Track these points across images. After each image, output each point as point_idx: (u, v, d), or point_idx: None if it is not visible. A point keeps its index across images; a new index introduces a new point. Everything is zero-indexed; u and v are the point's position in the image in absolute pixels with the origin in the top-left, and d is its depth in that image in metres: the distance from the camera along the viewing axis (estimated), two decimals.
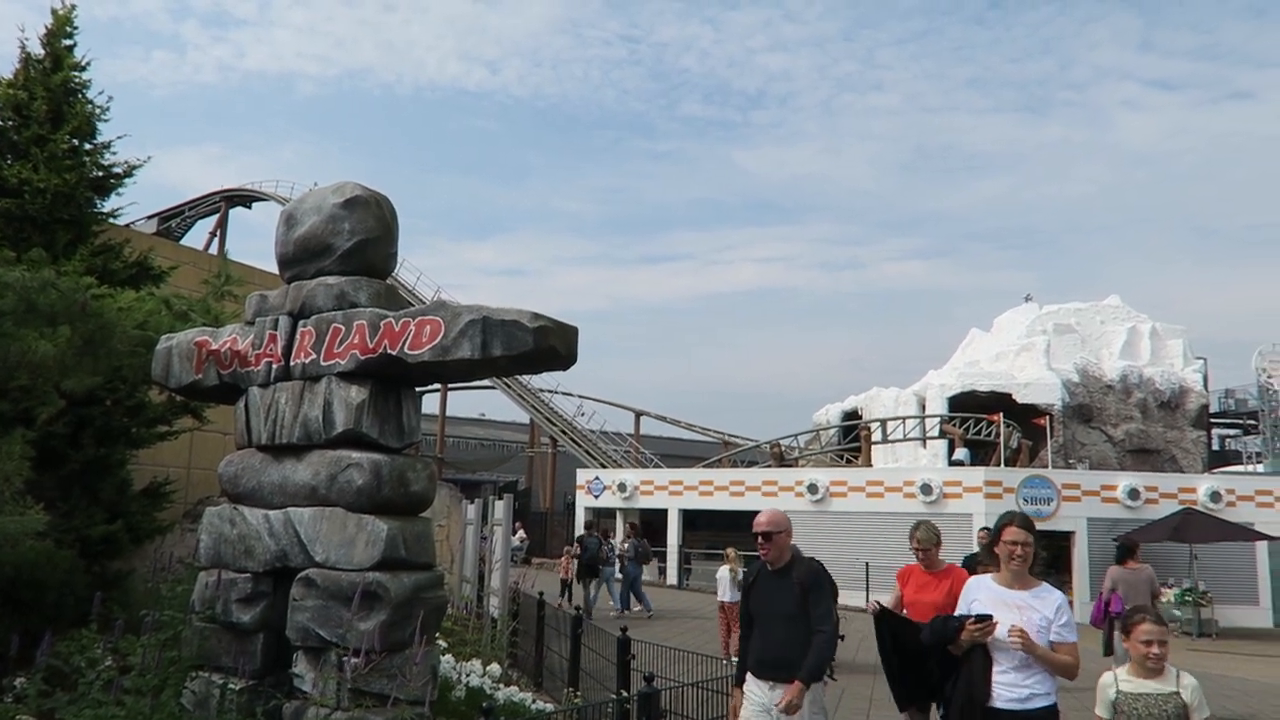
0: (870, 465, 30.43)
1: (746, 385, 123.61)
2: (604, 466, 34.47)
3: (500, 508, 10.78)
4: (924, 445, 33.60)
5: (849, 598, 22.64)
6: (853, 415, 38.03)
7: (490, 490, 33.59)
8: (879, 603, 6.13)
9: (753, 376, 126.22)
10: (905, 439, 32.73)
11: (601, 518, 31.26)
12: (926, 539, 6.61)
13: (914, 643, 5.04)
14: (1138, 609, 4.13)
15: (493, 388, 40.55)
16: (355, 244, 6.25)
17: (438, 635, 6.98)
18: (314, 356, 6.08)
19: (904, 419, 32.76)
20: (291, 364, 6.20)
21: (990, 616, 4.27)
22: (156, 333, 7.58)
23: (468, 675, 7.08)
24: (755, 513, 5.42)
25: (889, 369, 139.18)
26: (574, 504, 41.58)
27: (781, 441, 32.84)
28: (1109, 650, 10.57)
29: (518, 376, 37.61)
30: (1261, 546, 22.61)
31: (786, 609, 5.04)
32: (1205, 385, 36.81)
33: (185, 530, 10.81)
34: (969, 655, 4.35)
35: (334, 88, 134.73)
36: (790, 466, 29.46)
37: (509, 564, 10.79)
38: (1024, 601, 4.33)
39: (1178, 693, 3.87)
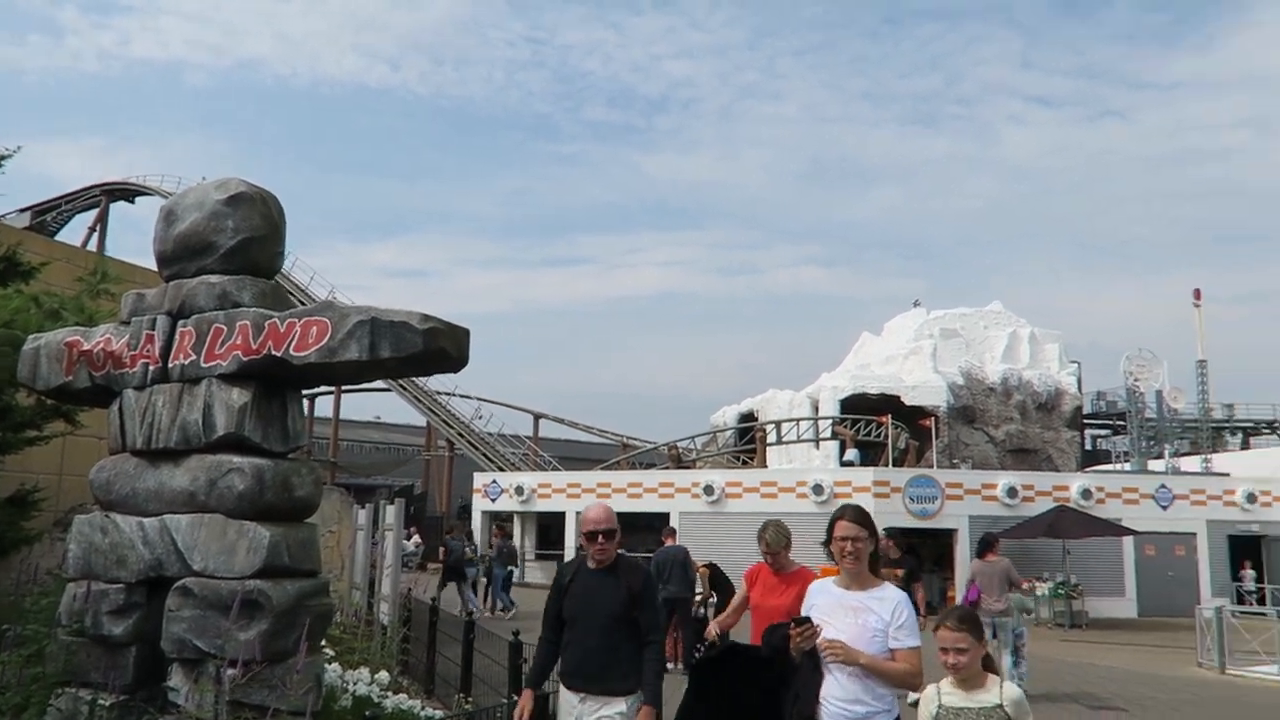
0: (765, 466, 31.02)
1: (647, 388, 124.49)
2: (502, 470, 34.20)
3: (392, 512, 10.60)
4: (817, 446, 34.43)
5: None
6: (749, 417, 38.69)
7: (385, 495, 32.91)
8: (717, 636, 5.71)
9: (653, 379, 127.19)
10: (799, 440, 33.47)
11: (499, 521, 30.98)
12: (775, 540, 6.09)
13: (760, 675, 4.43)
14: (945, 613, 3.70)
15: (388, 390, 39.78)
16: (239, 242, 6.06)
17: (324, 644, 6.83)
18: (194, 358, 5.88)
19: (798, 421, 33.50)
20: (170, 365, 5.97)
21: (809, 620, 3.81)
22: (24, 332, 7.20)
23: (355, 684, 6.95)
24: (654, 515, 5.33)
25: (785, 372, 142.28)
26: (468, 507, 41.10)
27: (679, 443, 33.19)
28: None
29: (414, 379, 37.03)
30: (1128, 541, 23.95)
31: (611, 612, 4.54)
32: (1079, 388, 38.80)
33: (55, 540, 10.26)
34: (800, 667, 3.90)
35: (226, 79, 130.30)
36: (688, 468, 29.80)
37: (400, 569, 10.62)
38: (861, 603, 3.88)
39: (1001, 705, 3.57)
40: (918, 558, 23.11)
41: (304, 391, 6.66)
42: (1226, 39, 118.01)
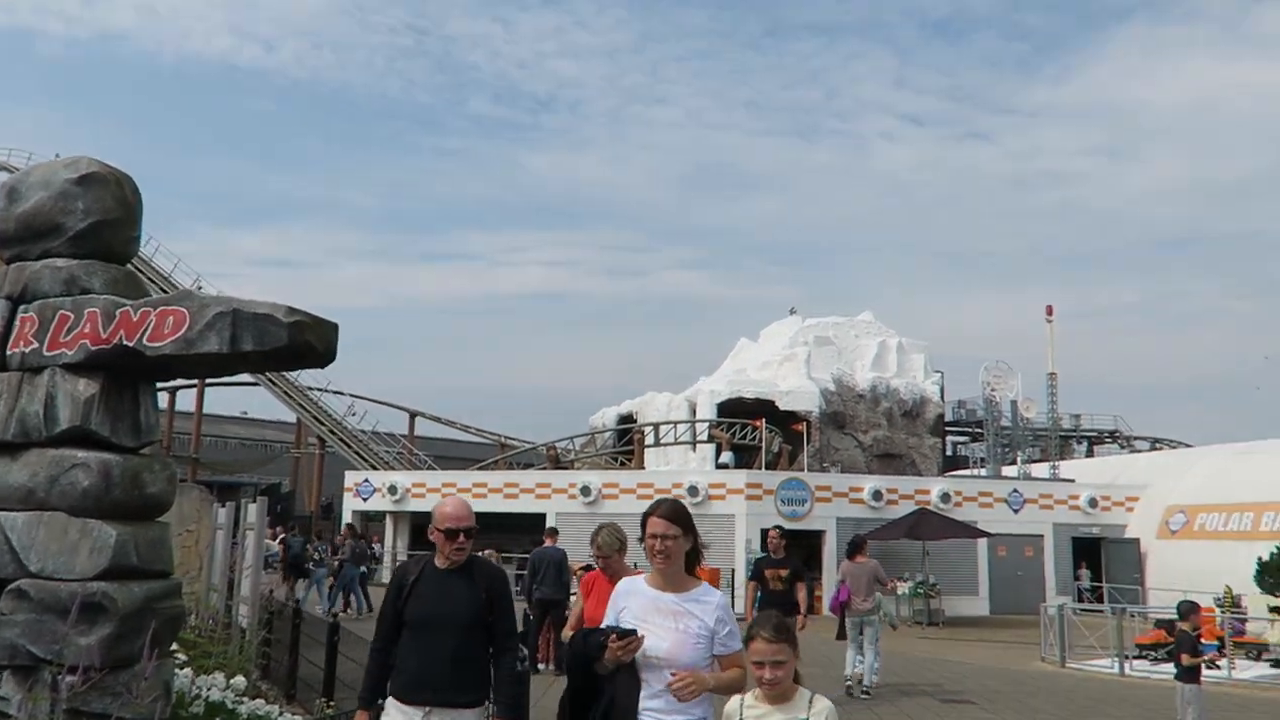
0: (643, 468, 31.29)
1: (528, 388, 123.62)
2: (375, 468, 33.38)
3: (254, 511, 10.22)
4: (694, 449, 34.92)
5: None
6: (628, 419, 38.93)
7: (251, 493, 31.64)
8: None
9: (534, 379, 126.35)
10: (676, 442, 33.89)
11: (370, 521, 30.22)
12: (607, 544, 5.66)
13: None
14: (757, 623, 3.35)
15: (256, 384, 38.30)
16: (90, 225, 5.72)
17: (175, 648, 6.53)
18: (36, 345, 5.52)
19: (676, 423, 33.91)
20: (9, 353, 5.59)
21: (634, 632, 3.46)
22: None
23: (208, 689, 6.66)
24: (531, 516, 5.10)
25: (665, 375, 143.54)
26: (331, 505, 39.91)
27: (558, 444, 33.12)
28: (841, 634, 11.65)
29: (285, 373, 35.74)
30: (982, 543, 25.23)
31: (464, 617, 4.12)
32: (942, 396, 40.62)
33: None
34: (614, 677, 3.58)
35: (84, 51, 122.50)
36: (566, 469, 29.77)
37: (261, 570, 10.24)
38: (680, 607, 3.53)
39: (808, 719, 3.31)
40: (801, 558, 23.76)
41: (164, 384, 6.36)
42: (1081, 71, 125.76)
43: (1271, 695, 13.01)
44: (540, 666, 12.61)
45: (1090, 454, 47.94)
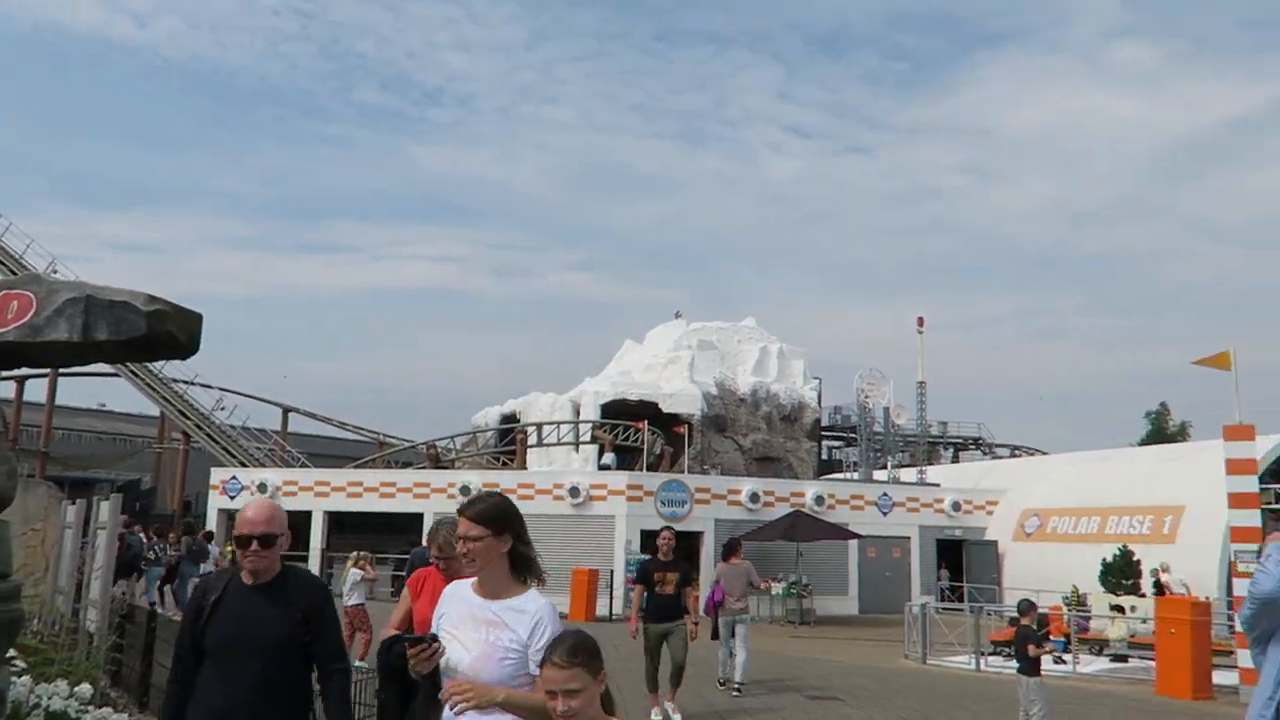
0: (525, 468, 31.08)
1: (411, 385, 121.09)
2: (244, 465, 32.11)
3: (106, 509, 9.67)
4: (577, 449, 34.91)
5: None
6: (511, 419, 38.63)
7: (106, 489, 29.99)
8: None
9: (417, 377, 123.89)
10: (559, 443, 33.81)
11: (189, 518, 29.02)
12: (450, 544, 5.41)
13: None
14: (551, 646, 2.84)
15: (116, 375, 36.27)
16: None
17: (13, 654, 6.12)
18: None
19: (559, 424, 33.83)
20: None
21: (433, 638, 3.08)
22: None
23: (49, 698, 6.27)
24: (408, 516, 4.65)
25: (550, 375, 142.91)
26: (190, 504, 38.18)
27: (438, 443, 32.57)
28: (715, 635, 12.00)
29: (148, 364, 33.99)
30: (853, 544, 26.06)
31: (273, 639, 3.60)
32: (819, 402, 41.82)
33: None
34: (419, 687, 3.26)
35: None
36: (446, 468, 29.30)
37: (112, 572, 9.70)
38: (495, 616, 3.12)
39: None
40: (689, 560, 24.00)
41: (8, 373, 5.94)
42: (955, 93, 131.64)
43: (1110, 688, 13.88)
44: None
45: (956, 460, 50.16)
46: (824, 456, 47.96)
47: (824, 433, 46.73)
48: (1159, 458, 28.65)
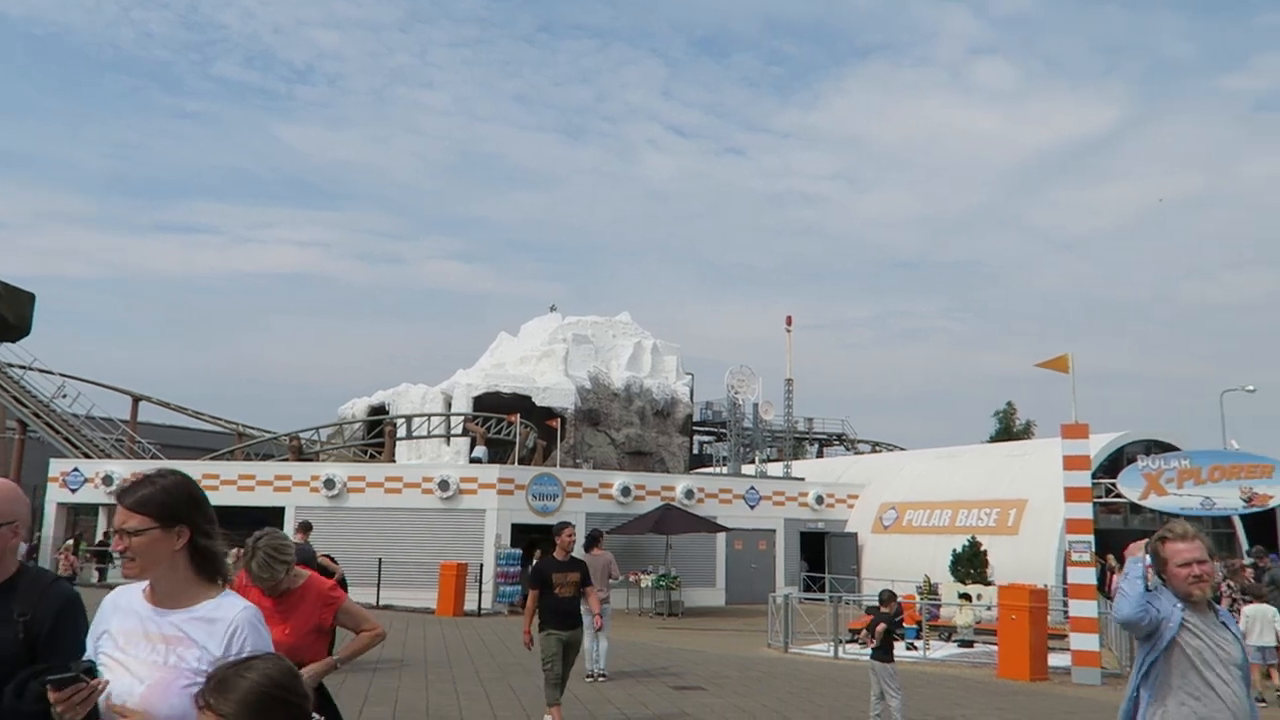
0: (393, 461, 30.39)
1: (273, 375, 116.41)
2: (89, 456, 30.21)
3: None
4: (448, 442, 34.37)
5: (360, 595, 22.36)
6: (380, 410, 37.69)
7: None
8: None
9: (280, 366, 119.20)
10: (430, 435, 33.20)
11: (81, 514, 27.34)
12: (269, 563, 4.26)
13: None
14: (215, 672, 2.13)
15: None
16: None
17: None
18: None
19: (429, 416, 33.21)
20: None
21: (86, 670, 2.25)
22: None
23: None
24: (268, 509, 4.57)
25: (422, 366, 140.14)
26: (29, 497, 35.70)
27: (301, 434, 31.47)
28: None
29: None
30: (721, 536, 26.58)
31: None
32: (692, 397, 42.45)
33: None
34: None
35: None
36: (309, 460, 28.34)
37: None
38: (177, 629, 2.42)
39: None
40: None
41: None
42: (828, 101, 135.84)
43: (956, 672, 14.63)
44: None
45: (820, 455, 51.79)
46: (695, 451, 48.70)
47: (696, 428, 47.46)
48: (1005, 454, 30.33)
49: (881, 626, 9.32)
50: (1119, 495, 14.24)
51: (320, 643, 4.06)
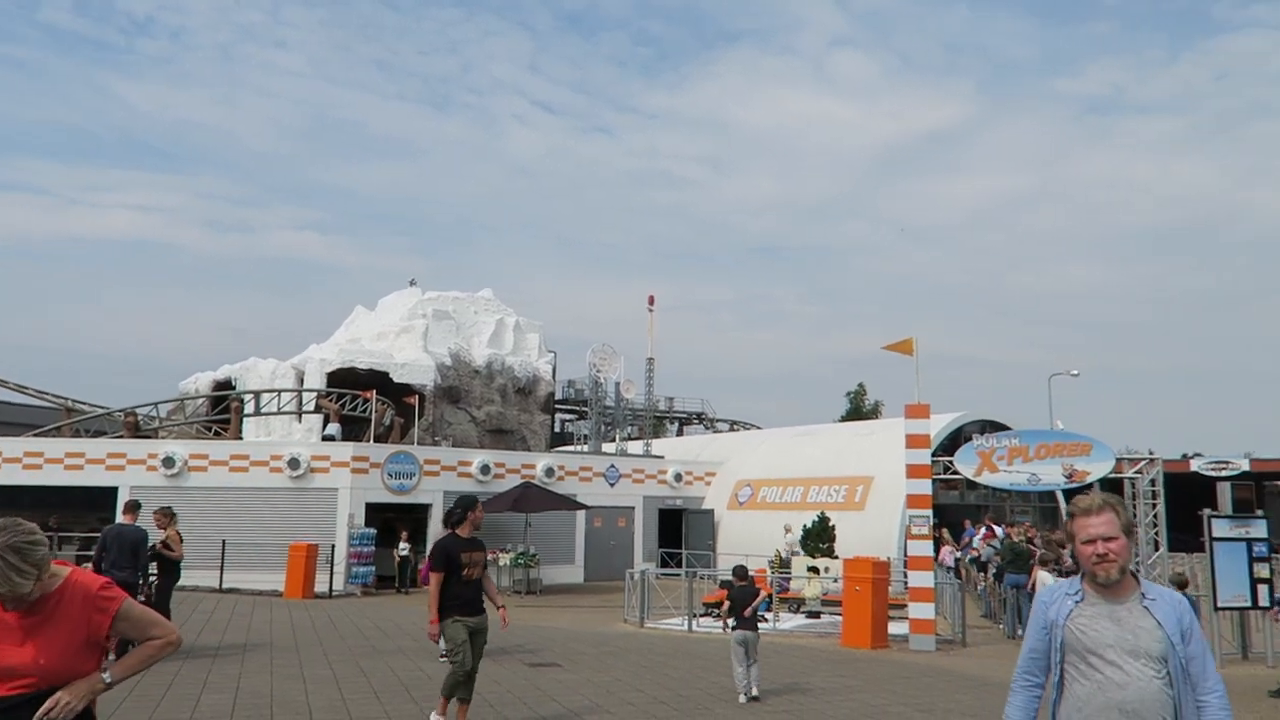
0: (240, 438, 29.07)
1: (107, 347, 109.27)
2: None
3: None
4: (299, 419, 33.14)
5: (203, 579, 21.33)
6: (226, 386, 35.95)
7: None
8: None
9: (117, 338, 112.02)
10: (280, 412, 31.91)
11: None
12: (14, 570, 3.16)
13: None
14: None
15: None
16: None
17: None
18: None
19: (279, 392, 31.91)
20: None
21: None
22: None
23: None
24: (100, 490, 4.09)
25: (273, 340, 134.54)
26: None
27: (138, 410, 29.69)
28: None
29: None
30: (581, 514, 26.68)
31: None
32: (554, 375, 42.31)
33: None
34: None
35: None
36: (147, 438, 26.75)
37: None
38: None
39: None
40: (410, 530, 23.38)
41: None
42: (695, 84, 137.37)
43: (804, 641, 15.20)
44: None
45: (680, 433, 52.68)
46: (557, 429, 48.67)
47: (558, 406, 47.40)
48: (854, 433, 31.62)
49: (761, 597, 10.19)
50: (956, 472, 15.04)
51: (92, 660, 3.15)
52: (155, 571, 11.77)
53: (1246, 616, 13.73)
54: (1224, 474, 28.39)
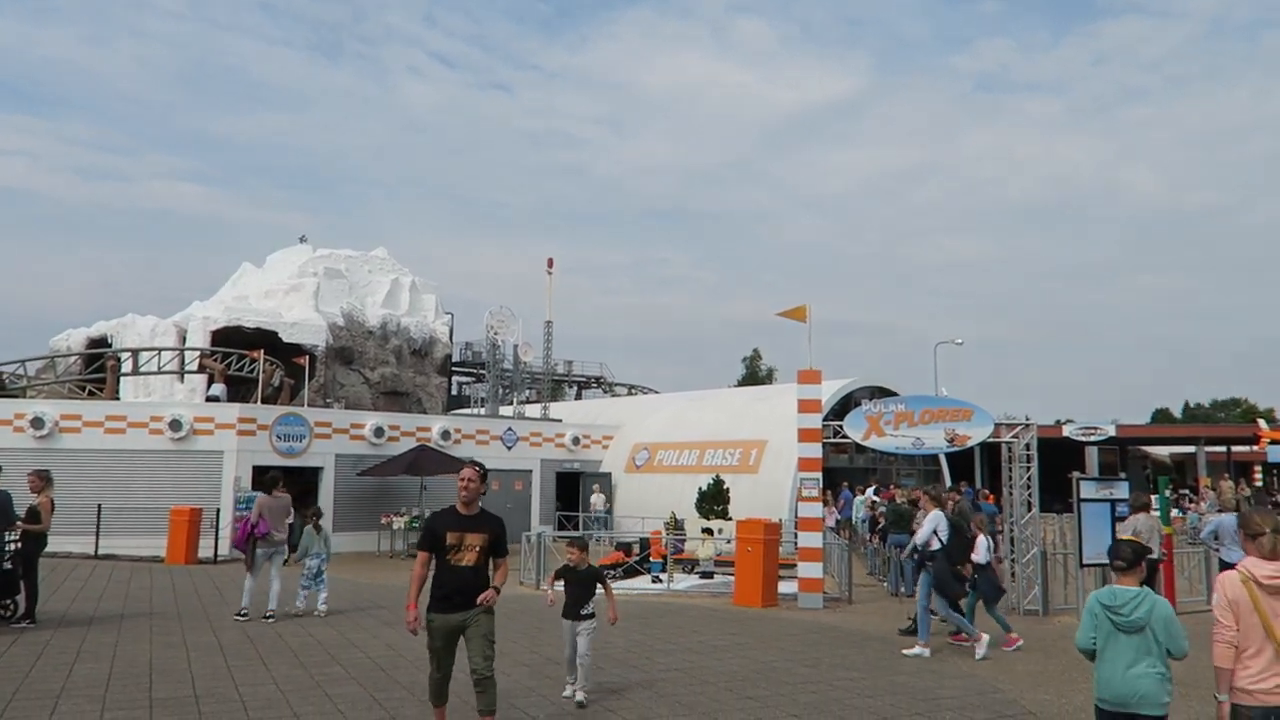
0: (116, 398, 27.78)
1: None
2: None
3: None
4: (181, 380, 31.85)
5: (78, 544, 20.40)
6: (101, 343, 34.20)
7: None
8: None
9: None
10: (160, 372, 30.59)
11: None
12: None
13: None
14: None
15: None
16: None
17: None
18: None
19: (160, 350, 30.56)
20: None
21: None
22: None
23: None
24: None
25: (153, 297, 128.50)
26: None
27: (3, 368, 28.03)
28: (252, 565, 12.37)
29: None
30: None
31: None
32: (451, 337, 41.68)
33: None
34: None
35: None
36: (14, 397, 25.29)
37: None
38: None
39: None
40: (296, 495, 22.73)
41: None
42: (595, 44, 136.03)
43: (697, 601, 15.50)
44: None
45: (579, 397, 52.73)
46: (454, 392, 48.08)
47: (455, 368, 46.77)
48: (749, 398, 32.22)
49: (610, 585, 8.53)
50: (846, 436, 15.50)
51: None
52: (17, 538, 11.13)
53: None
54: (1092, 439, 29.99)
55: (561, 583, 8.53)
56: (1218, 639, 4.43)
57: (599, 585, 8.41)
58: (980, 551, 11.63)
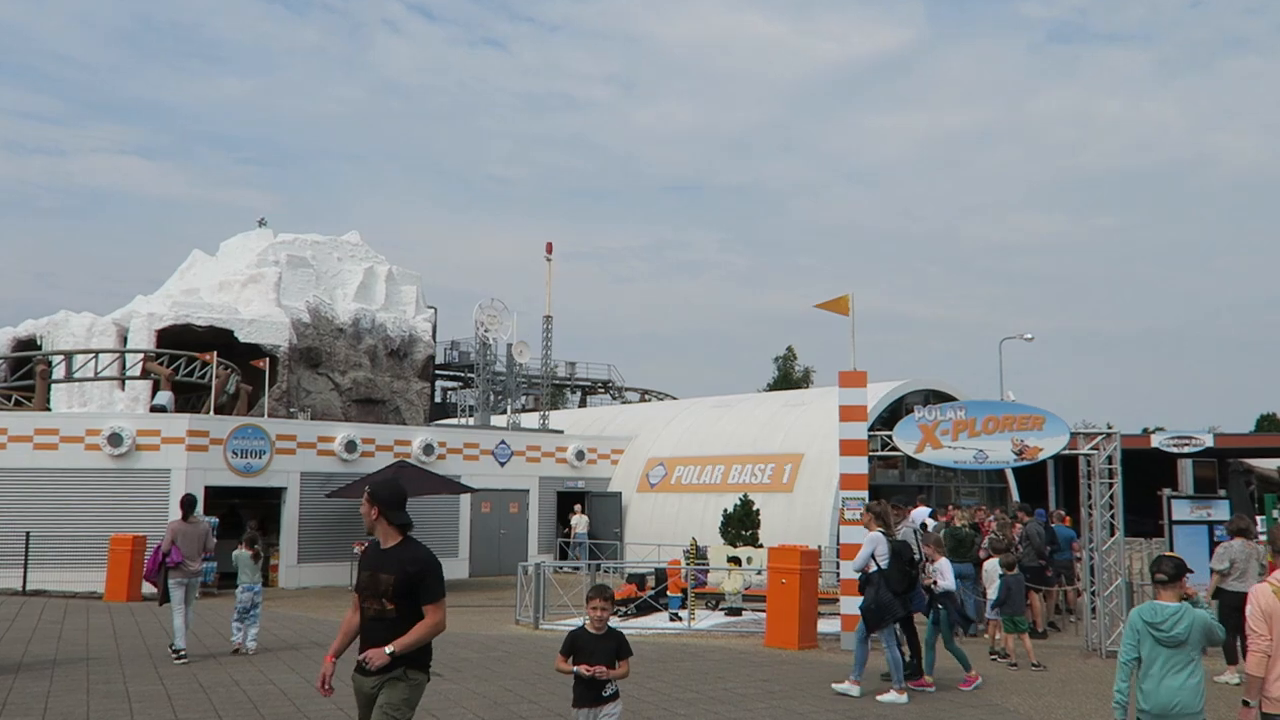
0: (47, 408, 27.99)
1: None
2: None
3: None
4: (122, 387, 32.07)
5: (2, 579, 20.57)
6: (29, 345, 34.47)
7: None
8: None
9: None
10: (98, 378, 30.80)
11: None
12: None
13: None
14: None
15: None
16: None
17: None
18: None
19: (97, 353, 30.79)
20: None
21: None
22: None
23: None
24: None
25: (89, 291, 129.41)
26: None
27: None
28: (165, 599, 12.90)
29: None
30: (466, 499, 26.58)
31: None
32: (434, 335, 41.78)
33: None
34: None
35: None
36: None
37: None
38: None
39: None
40: (259, 519, 22.87)
41: None
42: None
43: (722, 642, 15.50)
44: None
45: (583, 404, 52.85)
46: (438, 399, 48.26)
47: (438, 372, 46.94)
48: (782, 404, 32.18)
49: (619, 671, 6.65)
50: (895, 449, 15.45)
51: None
52: None
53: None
54: (1186, 450, 29.82)
55: (571, 659, 6.69)
56: (1252, 648, 5.35)
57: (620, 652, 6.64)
58: (946, 576, 11.95)
